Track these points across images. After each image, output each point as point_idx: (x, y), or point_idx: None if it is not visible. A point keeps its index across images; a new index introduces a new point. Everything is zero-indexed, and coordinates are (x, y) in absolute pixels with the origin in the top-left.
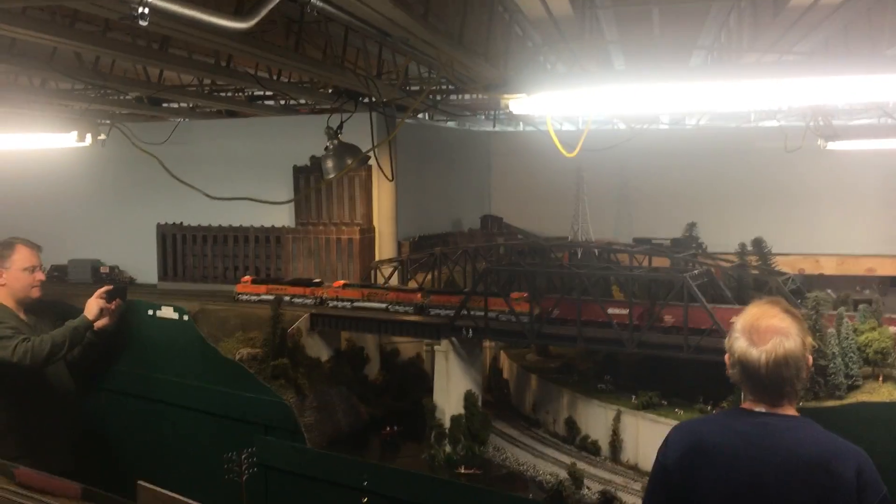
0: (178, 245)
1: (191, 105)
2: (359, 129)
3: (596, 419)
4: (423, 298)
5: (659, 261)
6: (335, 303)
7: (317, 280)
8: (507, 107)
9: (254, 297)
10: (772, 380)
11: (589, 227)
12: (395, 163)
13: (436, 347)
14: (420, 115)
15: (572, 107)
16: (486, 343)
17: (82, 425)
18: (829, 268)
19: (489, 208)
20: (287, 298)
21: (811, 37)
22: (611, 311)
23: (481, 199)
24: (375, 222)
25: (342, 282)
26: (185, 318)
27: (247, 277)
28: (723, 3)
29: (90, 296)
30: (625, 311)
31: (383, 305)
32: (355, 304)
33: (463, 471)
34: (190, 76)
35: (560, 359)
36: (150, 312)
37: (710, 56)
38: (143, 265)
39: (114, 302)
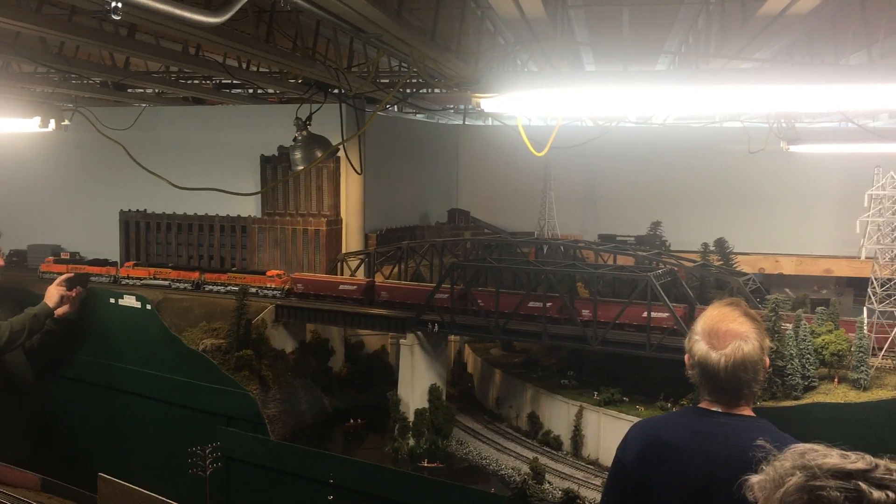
0: (141, 232)
1: (156, 91)
2: (327, 120)
3: (558, 414)
4: (199, 277)
5: (624, 259)
6: (126, 280)
7: (112, 261)
8: (478, 105)
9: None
10: (730, 382)
11: (555, 222)
12: (363, 155)
13: (401, 341)
14: (389, 108)
15: (543, 107)
16: (451, 337)
17: (41, 414)
18: (788, 268)
19: (457, 202)
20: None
21: (777, 42)
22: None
23: (449, 193)
24: (343, 214)
25: (132, 262)
26: (148, 307)
27: (50, 258)
28: (691, 5)
29: (51, 282)
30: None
31: (166, 283)
32: (143, 281)
33: (426, 464)
34: (157, 63)
35: (524, 353)
36: (112, 301)
37: (678, 59)
38: (105, 252)
39: (75, 289)
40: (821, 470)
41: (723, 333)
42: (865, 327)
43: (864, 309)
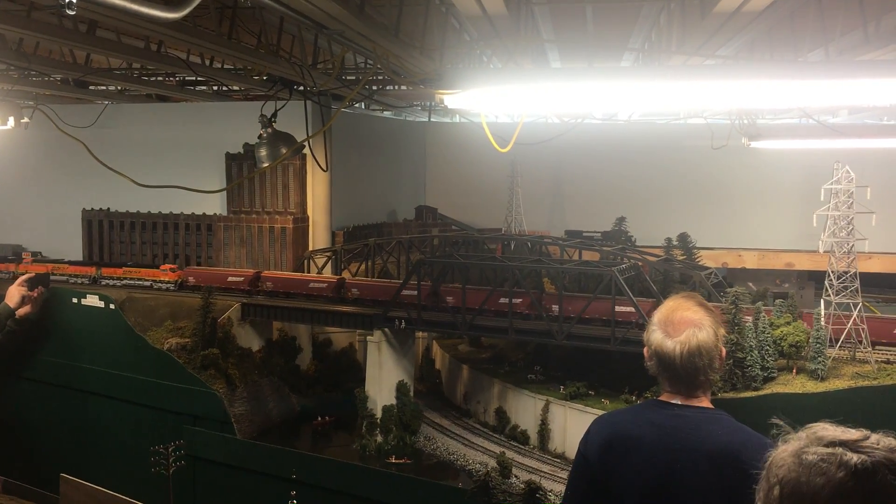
0: (104, 231)
1: (119, 88)
2: (293, 118)
3: (525, 409)
4: (96, 272)
5: (590, 254)
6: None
7: (11, 258)
8: (442, 101)
9: None
10: (686, 370)
11: (522, 218)
12: (330, 152)
13: (368, 338)
14: (356, 105)
15: (506, 103)
16: (419, 334)
17: (1, 416)
18: (751, 262)
19: (424, 199)
20: None
21: (737, 39)
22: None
23: (416, 190)
24: (309, 211)
25: (30, 258)
26: (112, 306)
27: None
28: (653, 2)
29: (11, 282)
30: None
31: (65, 278)
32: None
33: (394, 460)
34: (119, 59)
35: (492, 349)
36: (75, 300)
37: (641, 56)
38: (68, 251)
39: (36, 289)
40: (815, 438)
41: (677, 321)
42: (823, 319)
43: (822, 301)
